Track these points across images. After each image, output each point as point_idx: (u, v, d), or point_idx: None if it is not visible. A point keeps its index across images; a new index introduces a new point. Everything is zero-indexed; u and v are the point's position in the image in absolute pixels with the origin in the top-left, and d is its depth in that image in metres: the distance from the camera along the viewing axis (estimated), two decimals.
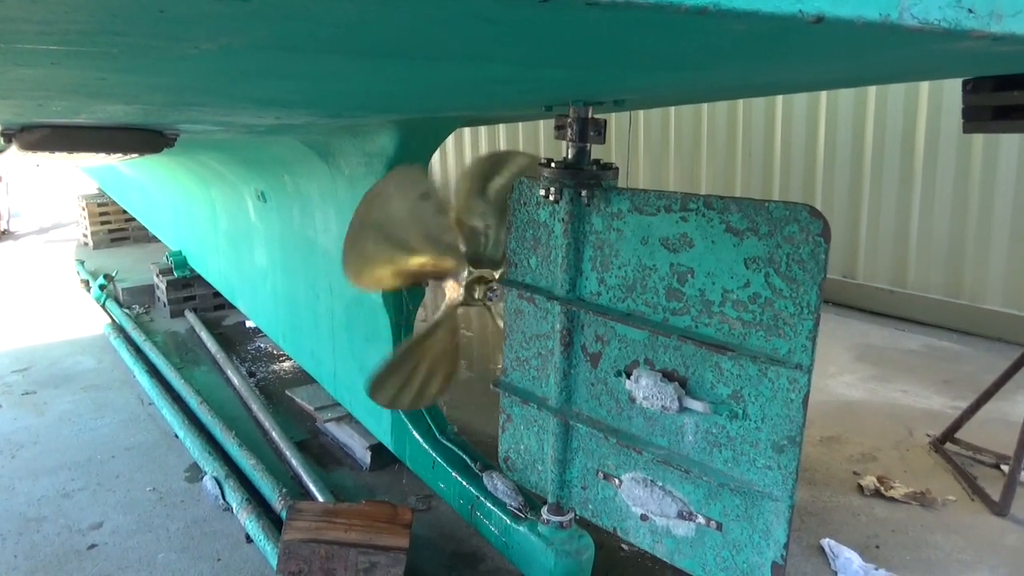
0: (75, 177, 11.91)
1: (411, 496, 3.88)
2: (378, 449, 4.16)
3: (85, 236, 11.00)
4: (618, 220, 2.50)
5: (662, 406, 2.45)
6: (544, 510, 2.94)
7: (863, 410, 4.85)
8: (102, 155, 3.42)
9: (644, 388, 2.49)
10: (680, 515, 2.50)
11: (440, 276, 3.21)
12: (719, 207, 2.25)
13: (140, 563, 3.42)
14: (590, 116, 2.50)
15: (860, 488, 3.81)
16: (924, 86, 6.38)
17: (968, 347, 6.08)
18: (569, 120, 2.52)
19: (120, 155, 3.38)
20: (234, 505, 3.70)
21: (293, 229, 4.67)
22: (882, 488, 3.75)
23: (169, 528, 3.69)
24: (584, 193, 2.53)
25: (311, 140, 3.81)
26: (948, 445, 4.14)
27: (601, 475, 2.74)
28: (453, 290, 3.23)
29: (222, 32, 1.07)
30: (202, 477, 4.04)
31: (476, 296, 3.20)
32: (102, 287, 7.84)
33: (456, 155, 11.55)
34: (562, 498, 2.88)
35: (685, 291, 2.37)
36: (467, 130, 10.87)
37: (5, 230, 12.48)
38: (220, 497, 3.81)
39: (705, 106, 8.00)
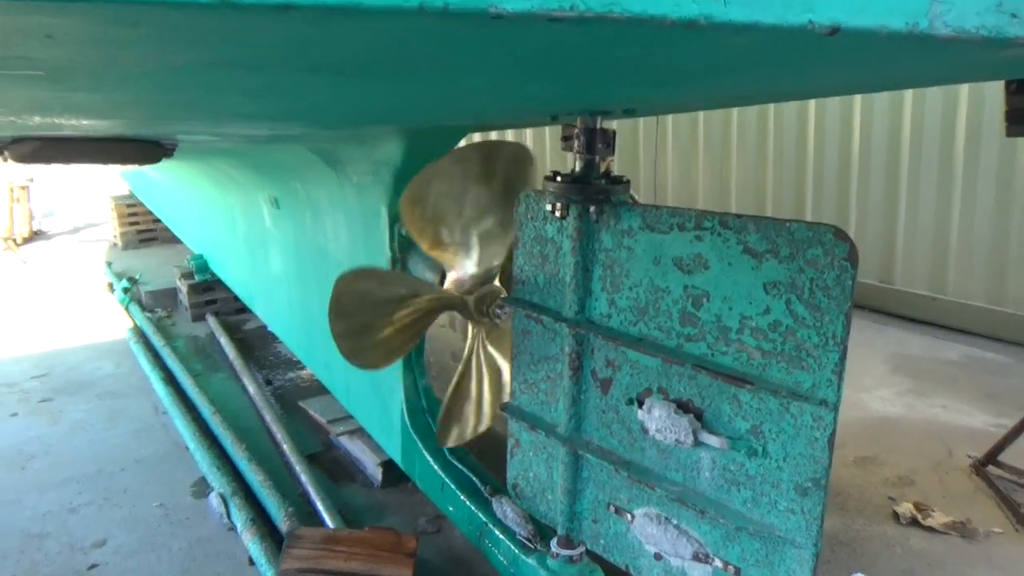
0: (110, 176, 11.91)
1: (421, 517, 3.74)
2: (389, 465, 4.02)
3: (115, 237, 11.05)
4: (629, 238, 2.33)
5: (676, 439, 2.27)
6: (553, 543, 2.78)
7: (900, 427, 4.61)
8: (100, 165, 3.31)
9: (657, 419, 2.31)
10: (696, 557, 2.32)
11: (449, 309, 3.09)
12: (736, 226, 2.06)
13: None
14: (598, 127, 2.33)
15: (896, 515, 3.59)
16: (963, 85, 6.09)
17: (1013, 358, 5.77)
18: (576, 131, 2.35)
19: (118, 165, 3.27)
20: (238, 525, 3.59)
21: (306, 236, 4.56)
22: (919, 516, 3.52)
23: (172, 548, 3.59)
24: (592, 209, 2.35)
25: (318, 148, 3.68)
26: (990, 468, 3.89)
27: (612, 509, 2.56)
28: (459, 289, 3.08)
29: (127, 56, 0.92)
30: (209, 493, 3.94)
31: (484, 312, 3.05)
32: (126, 290, 7.82)
33: None
34: (572, 531, 2.72)
35: (700, 316, 2.18)
36: (477, 136, 10.69)
37: (38, 230, 12.59)
38: (225, 516, 3.70)
39: (735, 108, 7.75)
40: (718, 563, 2.27)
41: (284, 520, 3.55)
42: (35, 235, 12.33)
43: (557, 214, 2.40)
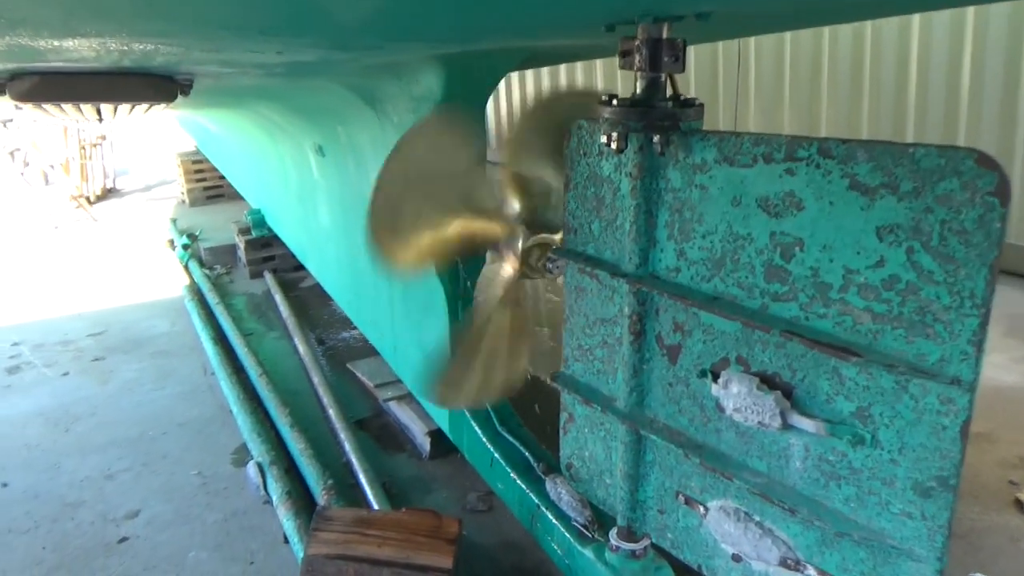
0: (182, 134, 11.80)
1: (472, 493, 3.41)
2: (439, 435, 3.70)
3: (182, 194, 11.01)
4: (702, 174, 1.88)
5: (759, 421, 1.84)
6: (613, 534, 2.40)
7: (1018, 399, 4.03)
8: (116, 105, 3.02)
9: (735, 396, 1.89)
10: (784, 563, 1.91)
11: (490, 243, 2.68)
12: (840, 155, 1.60)
13: (168, 562, 3.09)
14: (664, 36, 1.88)
15: (1018, 503, 3.08)
16: None
17: None
18: (636, 42, 1.90)
19: (133, 104, 2.97)
20: (274, 498, 3.32)
21: (351, 185, 4.23)
22: None
23: (206, 520, 3.35)
24: (656, 139, 1.91)
25: (354, 84, 3.32)
26: None
27: (682, 499, 2.16)
28: (510, 261, 2.70)
29: None
30: (248, 461, 3.69)
31: (534, 265, 2.65)
32: (185, 247, 7.69)
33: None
34: (634, 521, 2.33)
35: (791, 270, 1.74)
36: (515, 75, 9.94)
37: (111, 188, 12.69)
38: (261, 487, 3.44)
39: (826, 32, 7.00)
40: (811, 572, 1.85)
41: (322, 493, 3.27)
42: (108, 193, 12.42)
43: (613, 146, 1.97)
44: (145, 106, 3.10)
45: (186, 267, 7.26)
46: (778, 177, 1.72)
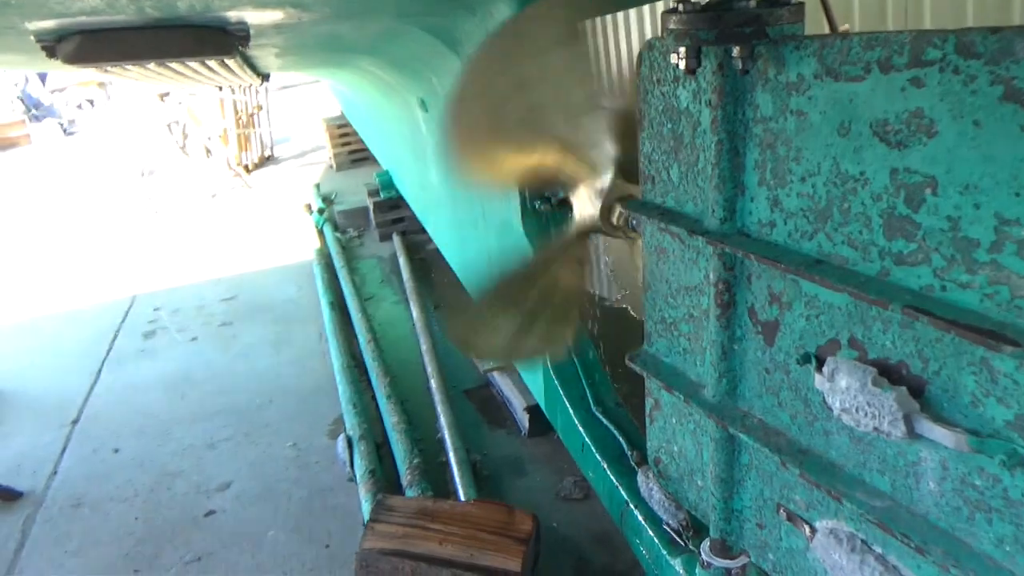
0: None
1: (568, 477, 3.07)
2: (538, 410, 3.37)
3: (329, 159, 11.17)
4: (798, 95, 1.40)
5: (875, 427, 1.37)
6: (705, 546, 1.98)
7: None
8: (174, 66, 2.84)
9: (844, 392, 1.42)
10: None
11: (572, 181, 2.30)
12: (990, 51, 1.09)
13: (247, 540, 2.97)
14: None
15: None
16: None
17: None
18: None
19: (187, 61, 2.78)
20: (357, 475, 3.12)
21: None
22: None
23: (292, 497, 3.21)
24: (737, 52, 1.44)
25: (430, 26, 2.99)
26: None
27: (783, 513, 1.72)
28: (585, 206, 2.31)
29: None
30: (340, 434, 3.52)
31: (616, 223, 2.24)
32: (321, 211, 7.72)
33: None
34: (729, 534, 1.90)
35: (921, 221, 1.25)
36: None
37: (269, 156, 13.13)
38: (348, 463, 3.25)
39: None
40: None
41: (407, 473, 3.03)
42: (266, 161, 12.85)
43: (682, 66, 1.52)
44: (214, 61, 2.91)
45: (320, 231, 7.27)
46: (900, 91, 1.22)
